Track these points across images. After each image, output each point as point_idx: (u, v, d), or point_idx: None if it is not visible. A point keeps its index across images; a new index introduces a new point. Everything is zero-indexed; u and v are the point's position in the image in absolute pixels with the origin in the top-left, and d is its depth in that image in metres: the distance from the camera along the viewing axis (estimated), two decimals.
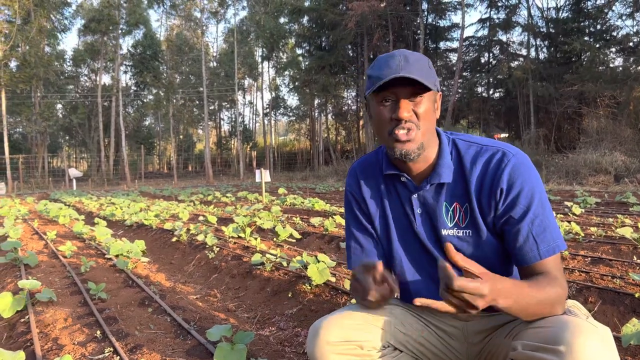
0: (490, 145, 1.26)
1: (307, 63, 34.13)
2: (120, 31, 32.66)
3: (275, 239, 5.58)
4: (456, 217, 1.28)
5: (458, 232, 1.28)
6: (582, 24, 23.40)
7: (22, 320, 2.95)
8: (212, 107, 41.46)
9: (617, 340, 2.03)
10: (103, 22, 30.84)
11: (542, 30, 25.81)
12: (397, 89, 1.19)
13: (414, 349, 1.35)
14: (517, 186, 1.18)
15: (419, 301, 1.01)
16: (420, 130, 1.21)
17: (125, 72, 39.05)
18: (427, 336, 1.37)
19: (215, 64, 42.32)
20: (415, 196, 1.32)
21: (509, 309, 1.06)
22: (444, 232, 1.29)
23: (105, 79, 37.26)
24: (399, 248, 1.37)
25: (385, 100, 1.21)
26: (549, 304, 1.10)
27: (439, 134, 1.33)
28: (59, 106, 36.31)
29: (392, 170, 1.34)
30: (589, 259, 3.89)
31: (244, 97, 45.87)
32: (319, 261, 3.43)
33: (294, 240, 5.66)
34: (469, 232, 1.27)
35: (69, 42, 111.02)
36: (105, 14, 30.81)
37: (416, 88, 1.18)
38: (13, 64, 29.10)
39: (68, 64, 37.19)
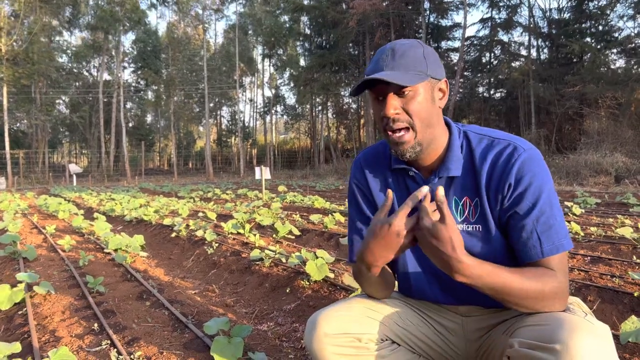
0: (503, 138, 1.22)
1: (308, 61, 34.10)
2: (122, 27, 32.63)
3: (274, 236, 5.57)
4: (466, 212, 1.24)
5: (467, 227, 1.24)
6: (583, 25, 23.38)
7: (20, 312, 2.94)
8: (211, 104, 41.43)
9: (616, 338, 2.02)
10: (105, 20, 30.84)
11: (543, 30, 25.79)
12: (383, 86, 1.16)
13: (412, 343, 1.34)
14: (526, 181, 1.15)
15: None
16: (415, 130, 1.17)
17: (125, 68, 39.10)
18: (426, 331, 1.35)
19: (215, 62, 42.29)
20: None
21: (495, 292, 1.08)
22: None
23: (106, 75, 37.27)
24: None
25: (379, 97, 1.19)
26: (546, 296, 1.08)
27: (449, 125, 1.28)
28: (60, 101, 36.32)
29: (399, 164, 1.30)
30: (589, 258, 3.89)
31: (243, 94, 45.85)
32: (317, 257, 3.41)
33: (293, 237, 5.65)
34: (478, 227, 1.23)
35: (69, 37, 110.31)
36: (108, 11, 30.82)
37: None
38: (15, 60, 29.09)
39: (69, 59, 37.19)
